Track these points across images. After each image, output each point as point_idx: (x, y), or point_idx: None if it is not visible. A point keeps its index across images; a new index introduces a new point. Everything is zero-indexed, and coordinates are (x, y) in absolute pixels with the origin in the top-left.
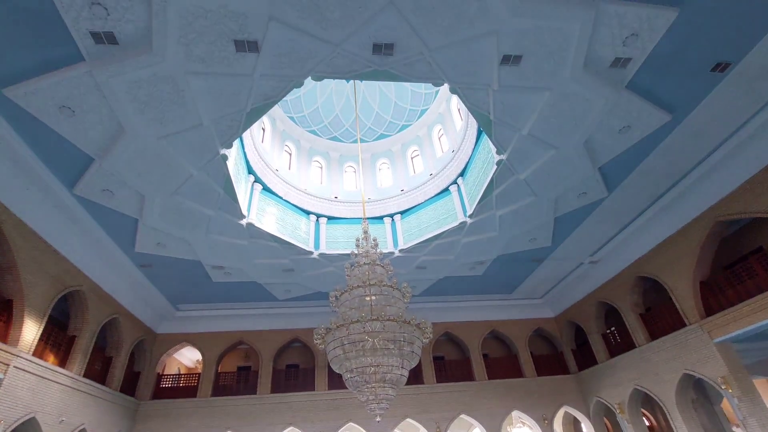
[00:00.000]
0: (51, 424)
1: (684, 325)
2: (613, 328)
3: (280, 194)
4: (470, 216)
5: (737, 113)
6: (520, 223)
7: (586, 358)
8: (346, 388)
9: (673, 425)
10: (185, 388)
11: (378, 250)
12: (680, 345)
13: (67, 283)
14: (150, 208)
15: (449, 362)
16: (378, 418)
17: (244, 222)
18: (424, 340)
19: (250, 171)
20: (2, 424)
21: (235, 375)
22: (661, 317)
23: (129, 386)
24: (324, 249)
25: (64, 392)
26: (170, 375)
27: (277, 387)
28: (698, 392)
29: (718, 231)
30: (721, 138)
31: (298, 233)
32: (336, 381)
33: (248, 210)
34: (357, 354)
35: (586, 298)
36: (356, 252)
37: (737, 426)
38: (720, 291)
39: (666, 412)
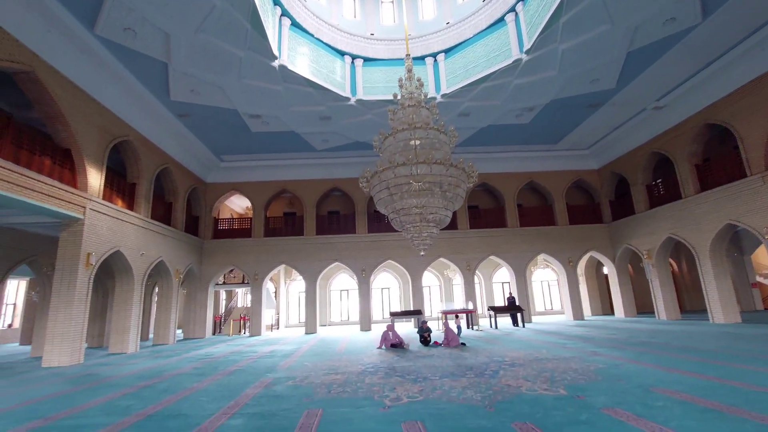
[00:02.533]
0: (133, 257)
1: (743, 176)
2: (659, 180)
3: (311, 31)
4: (527, 51)
5: None
6: (585, 59)
7: (623, 209)
8: (385, 231)
9: (700, 271)
10: (240, 230)
11: (423, 92)
12: (731, 197)
13: (114, 133)
14: (177, 48)
15: (483, 211)
16: (422, 253)
17: (276, 64)
18: (469, 184)
19: (276, 2)
20: (94, 255)
21: (282, 219)
22: (718, 169)
23: (191, 228)
24: (361, 95)
25: (138, 231)
26: (225, 219)
27: (321, 230)
28: (732, 243)
29: None
30: None
31: (334, 77)
32: (374, 225)
33: (279, 50)
34: (402, 196)
35: (638, 149)
36: (399, 94)
37: (762, 276)
38: None
39: (697, 259)
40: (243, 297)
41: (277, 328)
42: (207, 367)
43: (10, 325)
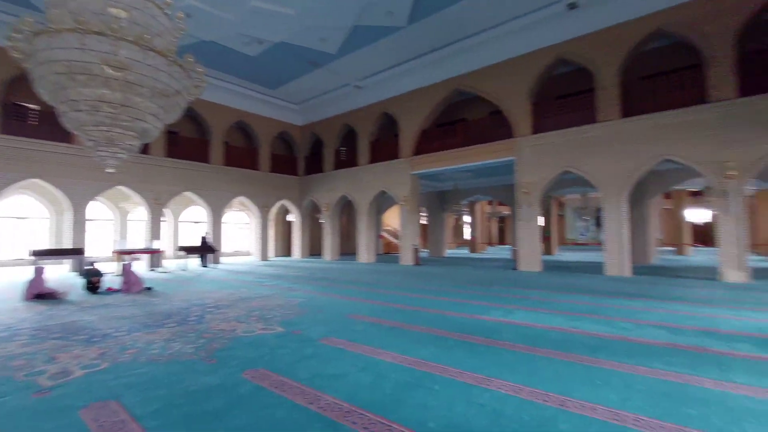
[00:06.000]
0: None
1: (396, 157)
2: (344, 148)
3: None
4: None
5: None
6: (321, 13)
7: (314, 166)
8: (30, 136)
9: (357, 223)
10: None
11: None
12: (386, 171)
13: None
14: None
15: (185, 139)
16: (111, 170)
17: None
18: (192, 96)
19: None
20: None
21: None
22: (382, 148)
23: None
24: None
25: None
26: None
27: None
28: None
29: (449, 96)
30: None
31: None
32: (13, 125)
33: None
34: (88, 83)
35: (336, 117)
36: None
37: (385, 231)
38: (428, 141)
39: (357, 214)
40: None
41: None
42: None
43: None
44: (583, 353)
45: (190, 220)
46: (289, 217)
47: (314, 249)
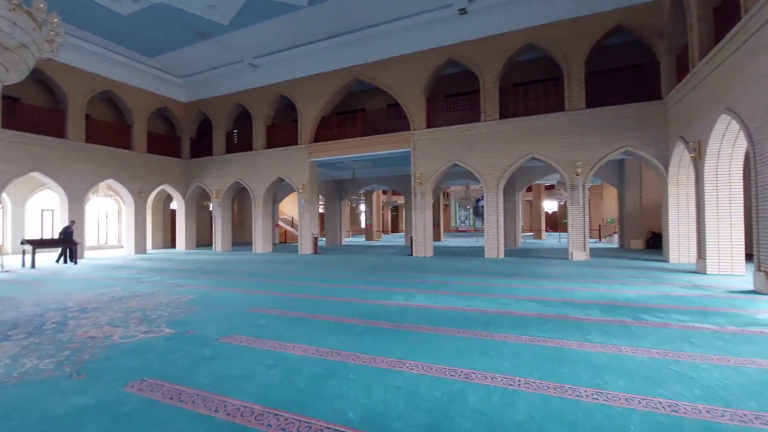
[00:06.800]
0: None
1: (295, 143)
2: (237, 131)
3: None
4: None
5: None
6: None
7: (202, 148)
8: None
9: (252, 212)
10: None
11: None
12: (285, 157)
13: None
14: None
15: (29, 107)
16: None
17: None
18: (43, 52)
19: None
20: None
21: None
22: (280, 132)
23: None
24: None
25: None
26: None
27: None
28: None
29: (349, 84)
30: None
31: None
32: None
33: None
34: None
35: (228, 96)
36: None
37: (281, 220)
38: (327, 128)
39: (253, 202)
40: None
41: None
42: None
43: None
44: (477, 329)
45: (37, 208)
46: (173, 205)
47: (203, 240)
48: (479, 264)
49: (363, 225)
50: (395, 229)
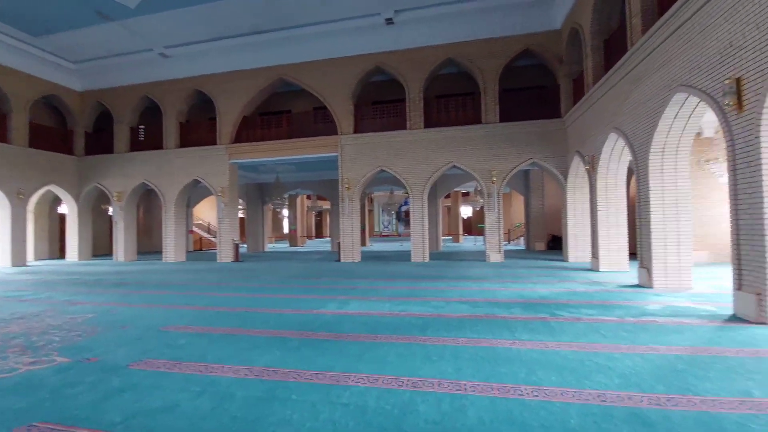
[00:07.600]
0: None
1: (213, 143)
2: (143, 126)
3: None
4: None
5: None
6: None
7: (100, 144)
8: None
9: (163, 217)
10: None
11: None
12: (203, 157)
13: None
14: None
15: None
16: None
17: None
18: None
19: None
20: None
21: None
22: (196, 131)
23: None
24: None
25: None
26: None
27: None
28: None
29: (273, 84)
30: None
31: None
32: None
33: None
34: None
35: (133, 87)
36: None
37: (195, 225)
38: (250, 129)
39: (164, 205)
40: None
41: None
42: None
43: None
44: (416, 333)
45: None
46: (62, 209)
47: (101, 248)
48: (407, 268)
49: (286, 230)
50: (319, 234)
